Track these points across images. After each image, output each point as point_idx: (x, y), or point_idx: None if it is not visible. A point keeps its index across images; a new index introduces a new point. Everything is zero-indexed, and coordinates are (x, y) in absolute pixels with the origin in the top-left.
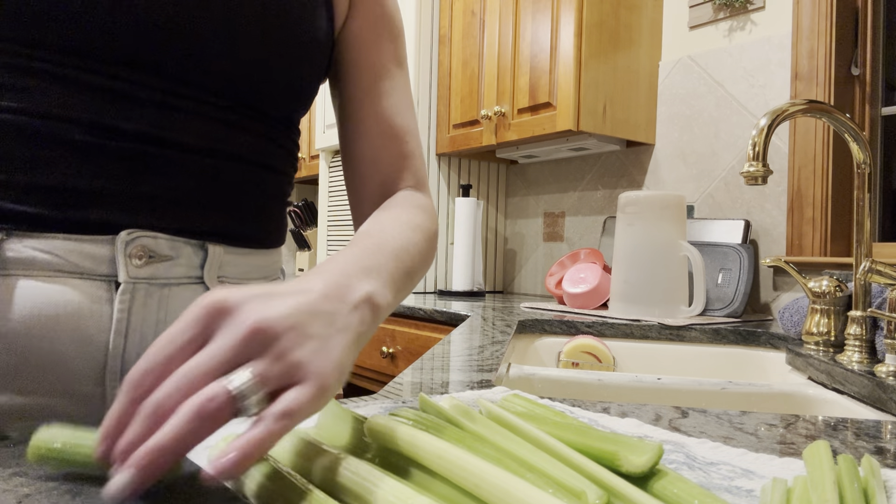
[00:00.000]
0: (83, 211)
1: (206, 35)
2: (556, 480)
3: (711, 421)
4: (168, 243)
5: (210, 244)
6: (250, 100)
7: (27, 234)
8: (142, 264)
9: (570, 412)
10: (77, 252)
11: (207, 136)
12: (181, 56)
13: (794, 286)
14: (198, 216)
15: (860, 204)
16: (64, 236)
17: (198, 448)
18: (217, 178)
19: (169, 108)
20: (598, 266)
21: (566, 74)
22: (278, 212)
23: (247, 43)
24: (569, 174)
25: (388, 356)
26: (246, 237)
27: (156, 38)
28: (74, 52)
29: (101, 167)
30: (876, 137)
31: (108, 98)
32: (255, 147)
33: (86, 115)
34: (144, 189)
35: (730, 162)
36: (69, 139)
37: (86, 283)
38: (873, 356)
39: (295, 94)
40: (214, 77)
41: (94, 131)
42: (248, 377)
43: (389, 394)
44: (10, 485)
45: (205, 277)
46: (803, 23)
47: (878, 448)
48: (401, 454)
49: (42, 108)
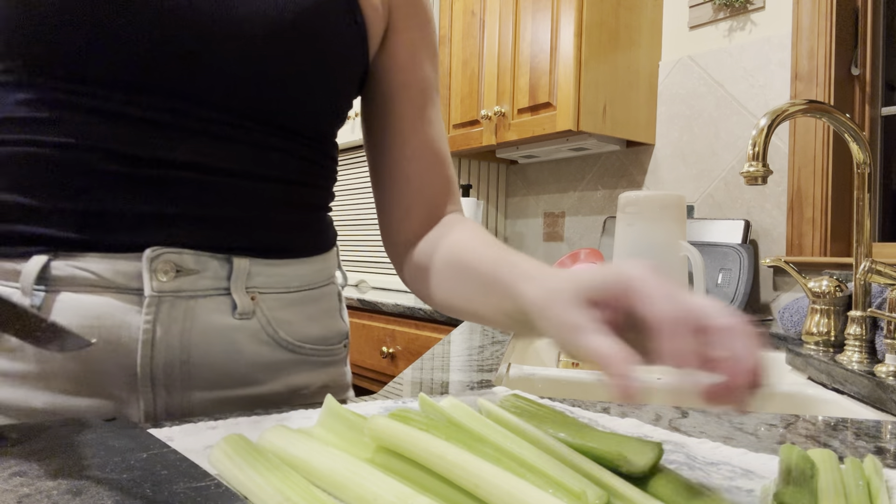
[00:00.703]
0: (115, 233)
1: (233, 63)
2: (556, 480)
3: (711, 421)
4: (193, 258)
5: (235, 257)
6: (281, 122)
7: (69, 254)
8: (168, 279)
9: (570, 412)
10: (110, 269)
11: (237, 159)
12: (210, 85)
13: (794, 286)
14: (222, 233)
15: (860, 204)
16: (99, 255)
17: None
18: (245, 198)
19: (188, 131)
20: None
21: (566, 74)
22: (315, 221)
23: (275, 69)
24: (569, 174)
25: (388, 356)
26: (275, 249)
27: (185, 69)
28: (87, 82)
29: (130, 192)
30: (876, 137)
31: (142, 128)
32: (287, 166)
33: (110, 145)
34: (168, 210)
35: (730, 162)
36: (102, 169)
37: (119, 297)
38: (873, 356)
39: (326, 114)
40: (243, 102)
41: (125, 160)
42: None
43: (389, 394)
44: (10, 485)
45: (231, 288)
46: (803, 23)
47: (878, 448)
48: (401, 454)
49: (79, 140)
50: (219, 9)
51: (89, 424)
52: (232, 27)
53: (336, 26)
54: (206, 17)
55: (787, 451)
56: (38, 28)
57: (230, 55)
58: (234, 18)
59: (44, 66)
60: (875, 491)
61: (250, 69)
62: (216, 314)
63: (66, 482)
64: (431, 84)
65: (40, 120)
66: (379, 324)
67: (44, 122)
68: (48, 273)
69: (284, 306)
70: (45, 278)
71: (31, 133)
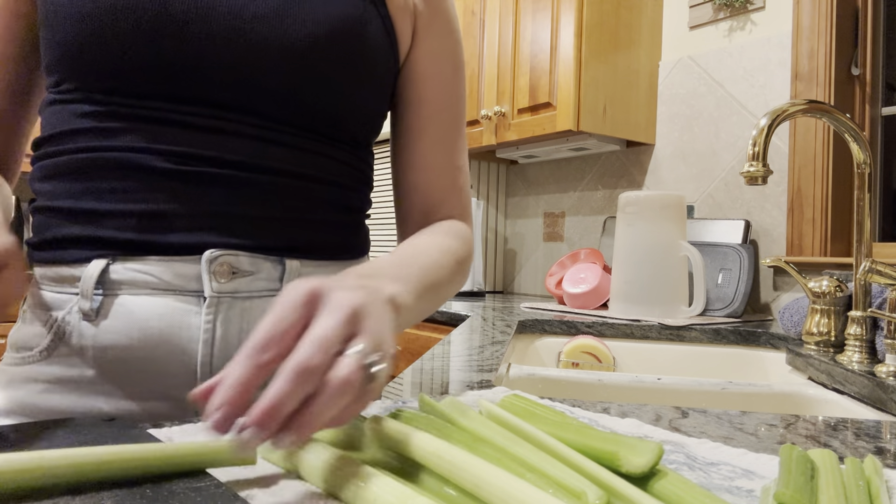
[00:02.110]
0: (171, 234)
1: (276, 78)
2: (556, 480)
3: (711, 421)
4: (249, 260)
5: (287, 259)
6: (322, 129)
7: (128, 257)
8: (226, 281)
9: (570, 412)
10: (169, 271)
11: (284, 160)
12: (254, 98)
13: (794, 286)
14: (273, 234)
15: (860, 204)
16: (157, 258)
17: None
18: (294, 198)
19: (240, 136)
20: (598, 266)
21: (566, 74)
22: (354, 224)
23: (316, 81)
24: (569, 174)
25: None
26: (320, 250)
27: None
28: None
29: (183, 193)
30: (876, 137)
31: (194, 133)
32: (329, 169)
33: (167, 147)
34: (223, 210)
35: (730, 162)
36: (159, 169)
37: (178, 299)
38: (873, 356)
39: (362, 122)
40: (285, 112)
41: (174, 160)
42: (369, 349)
43: (389, 394)
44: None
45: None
46: (803, 23)
47: (878, 448)
48: (401, 454)
49: (136, 144)
50: (265, 29)
51: (89, 424)
52: (275, 46)
53: (371, 39)
54: (254, 37)
55: (787, 451)
56: (98, 51)
57: (273, 71)
58: (278, 38)
59: (105, 86)
60: (875, 491)
61: (291, 83)
62: None
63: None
64: (454, 94)
65: (101, 130)
66: None
67: (104, 132)
68: (106, 277)
69: None
70: (104, 282)
71: (90, 141)
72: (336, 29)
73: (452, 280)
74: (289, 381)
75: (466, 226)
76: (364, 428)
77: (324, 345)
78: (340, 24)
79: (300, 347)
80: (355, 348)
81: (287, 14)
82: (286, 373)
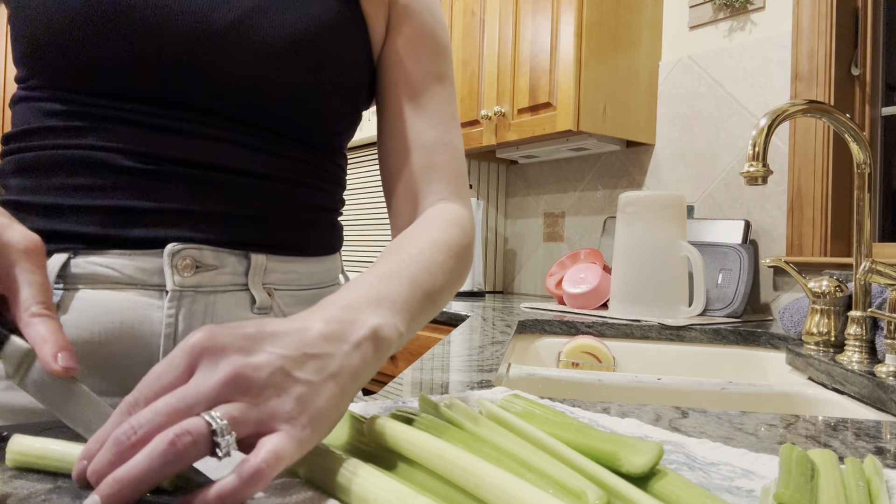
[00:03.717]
0: (135, 229)
1: (245, 81)
2: (556, 480)
3: (711, 421)
4: (213, 254)
5: (253, 253)
6: (285, 131)
7: (90, 251)
8: (190, 275)
9: (570, 412)
10: (131, 265)
11: (243, 160)
12: (223, 100)
13: (794, 286)
14: (238, 229)
15: (860, 204)
16: (119, 252)
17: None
18: (260, 197)
19: (205, 137)
20: (598, 266)
21: (566, 74)
22: (324, 223)
23: (285, 85)
24: (569, 174)
25: None
26: (288, 246)
27: (201, 85)
28: (114, 97)
29: (148, 190)
30: (876, 137)
31: (162, 133)
32: (291, 168)
33: (132, 147)
34: (188, 207)
35: (730, 162)
36: (123, 166)
37: (139, 293)
38: (873, 356)
39: (334, 124)
40: (254, 115)
41: (140, 159)
42: (223, 420)
43: (389, 394)
44: (11, 487)
45: (249, 284)
46: (803, 23)
47: (878, 448)
48: (401, 454)
49: (102, 142)
50: (233, 32)
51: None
52: (243, 49)
53: (343, 42)
54: (222, 39)
55: (787, 452)
56: (66, 50)
57: (240, 74)
58: (248, 40)
59: (71, 84)
60: (875, 491)
61: (259, 86)
62: (235, 308)
63: (66, 483)
64: (430, 75)
65: (68, 128)
66: None
67: (71, 130)
68: (67, 271)
69: (298, 303)
70: (65, 276)
71: (56, 139)
72: (306, 32)
73: (452, 280)
74: (109, 450)
75: (462, 207)
76: (364, 428)
77: (172, 410)
78: (311, 26)
79: (142, 411)
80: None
81: (256, 16)
82: (110, 440)
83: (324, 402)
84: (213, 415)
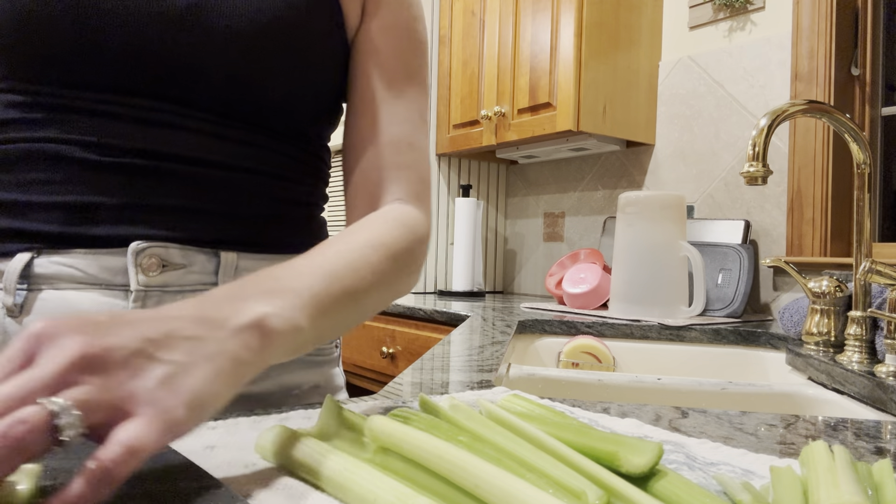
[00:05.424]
0: (97, 226)
1: (201, 61)
2: (556, 480)
3: (711, 421)
4: (180, 252)
5: (223, 251)
6: (263, 121)
7: (53, 251)
8: (156, 274)
9: (570, 412)
10: (95, 264)
11: (210, 150)
12: (194, 88)
13: (794, 286)
14: (207, 226)
15: (860, 204)
16: (83, 251)
17: (197, 449)
18: (230, 191)
19: (170, 126)
20: (598, 266)
21: (566, 74)
22: (300, 218)
23: (256, 72)
24: (569, 174)
25: (388, 356)
26: (260, 243)
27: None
28: (75, 86)
29: (110, 184)
30: (876, 137)
31: (127, 124)
32: (271, 161)
33: (91, 138)
34: (152, 202)
35: (730, 162)
36: (85, 160)
37: (103, 293)
38: (873, 356)
39: (308, 114)
40: (225, 104)
41: (100, 150)
42: (66, 402)
43: (389, 394)
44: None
45: (219, 283)
46: (803, 23)
47: (878, 448)
48: (401, 454)
49: (64, 135)
50: (203, 17)
51: None
52: (203, 31)
53: (317, 29)
54: (179, 22)
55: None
56: (26, 37)
57: (210, 61)
58: (206, 23)
59: (33, 73)
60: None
61: (229, 73)
62: None
63: (64, 483)
64: (403, 68)
65: (29, 121)
66: (379, 324)
67: (30, 123)
68: (31, 271)
69: None
70: (28, 276)
71: (17, 132)
72: (278, 17)
73: (384, 282)
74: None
75: (417, 211)
76: (364, 428)
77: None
78: (283, 11)
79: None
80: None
81: (225, 2)
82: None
83: (197, 382)
84: (52, 399)
